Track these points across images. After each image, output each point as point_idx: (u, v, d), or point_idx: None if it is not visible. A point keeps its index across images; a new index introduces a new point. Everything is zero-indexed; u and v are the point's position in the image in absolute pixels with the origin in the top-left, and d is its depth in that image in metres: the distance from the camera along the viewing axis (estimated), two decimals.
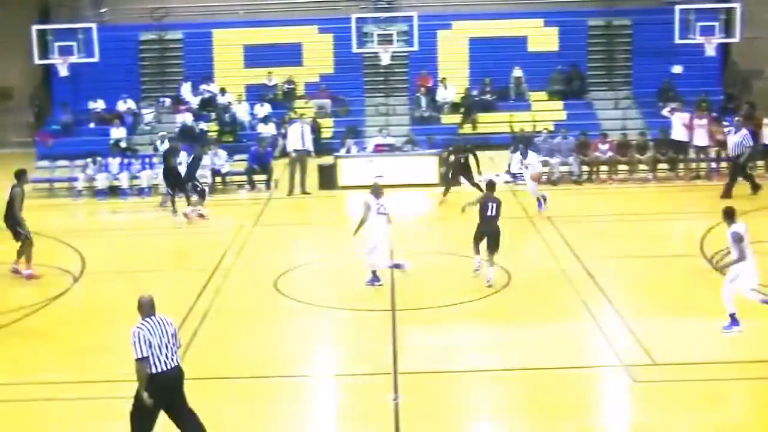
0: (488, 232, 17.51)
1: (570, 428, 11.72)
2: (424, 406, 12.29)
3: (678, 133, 28.21)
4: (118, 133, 31.91)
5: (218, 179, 28.21)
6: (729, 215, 14.80)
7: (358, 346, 14.79)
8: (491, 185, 18.29)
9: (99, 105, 35.18)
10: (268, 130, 32.73)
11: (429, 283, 17.99)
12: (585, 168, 28.25)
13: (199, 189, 24.27)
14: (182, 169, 24.60)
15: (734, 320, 14.46)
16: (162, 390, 10.31)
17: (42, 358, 14.16)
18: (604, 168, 28.28)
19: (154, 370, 10.23)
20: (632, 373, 13.14)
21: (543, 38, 36.74)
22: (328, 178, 27.70)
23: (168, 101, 35.67)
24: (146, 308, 10.55)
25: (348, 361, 14.28)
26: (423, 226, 23.51)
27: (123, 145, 30.91)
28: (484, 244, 17.59)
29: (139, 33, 37.61)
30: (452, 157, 25.67)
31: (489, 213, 17.57)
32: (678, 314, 14.90)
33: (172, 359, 10.38)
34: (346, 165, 28.06)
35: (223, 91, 35.24)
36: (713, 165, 28.12)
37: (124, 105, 34.88)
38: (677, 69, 34.77)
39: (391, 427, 11.69)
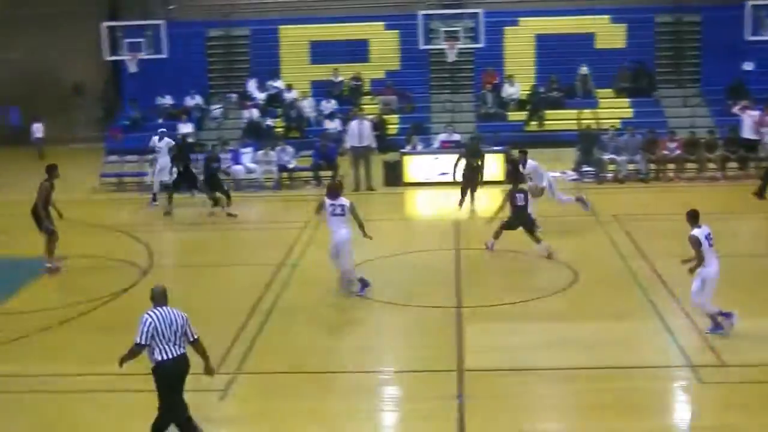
0: (520, 223, 19.13)
1: (637, 428, 11.64)
2: (490, 404, 12.24)
3: (748, 132, 27.85)
4: (185, 128, 32.29)
5: (285, 175, 28.42)
6: (691, 217, 14.53)
7: (422, 342, 14.78)
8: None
9: (167, 101, 35.68)
10: (333, 126, 32.88)
11: (494, 280, 17.99)
12: (652, 166, 27.95)
13: (213, 193, 24.62)
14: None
15: (726, 318, 14.30)
16: (166, 376, 10.82)
17: (110, 349, 14.20)
18: (671, 166, 27.97)
19: (159, 358, 10.76)
20: (700, 374, 12.98)
21: (610, 35, 36.45)
22: (393, 175, 27.75)
23: (235, 97, 36.02)
24: (159, 298, 11.04)
25: (412, 357, 14.29)
26: (490, 223, 23.38)
27: (190, 140, 31.23)
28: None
29: (206, 29, 38.06)
30: (463, 161, 24.94)
31: (518, 203, 19.17)
32: (747, 315, 14.61)
33: (180, 347, 10.84)
34: (412, 161, 28.07)
35: (289, 87, 35.49)
36: None
37: (191, 101, 35.34)
38: (748, 66, 34.27)
39: (455, 425, 11.68)
